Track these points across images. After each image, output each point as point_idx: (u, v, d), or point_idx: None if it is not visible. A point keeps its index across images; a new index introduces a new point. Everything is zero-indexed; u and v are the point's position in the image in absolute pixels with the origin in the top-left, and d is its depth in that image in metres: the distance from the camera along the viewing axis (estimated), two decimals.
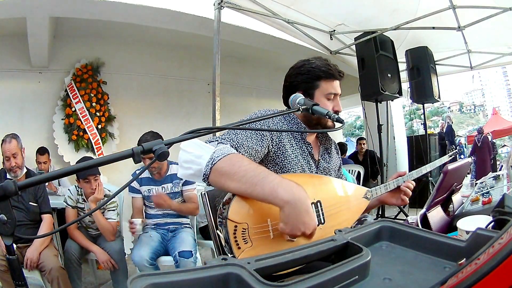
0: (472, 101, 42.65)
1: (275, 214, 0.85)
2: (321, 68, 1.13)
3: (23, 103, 3.74)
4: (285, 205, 0.79)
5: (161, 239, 2.26)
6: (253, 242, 0.83)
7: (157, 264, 2.17)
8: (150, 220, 2.34)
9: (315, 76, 1.13)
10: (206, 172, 0.87)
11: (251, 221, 0.84)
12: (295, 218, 0.79)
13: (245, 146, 0.97)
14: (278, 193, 0.79)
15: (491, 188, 1.46)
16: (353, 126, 32.65)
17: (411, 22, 3.11)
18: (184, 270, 0.47)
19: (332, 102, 1.14)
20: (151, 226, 2.32)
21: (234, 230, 0.82)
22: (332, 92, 1.14)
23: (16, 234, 0.57)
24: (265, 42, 4.07)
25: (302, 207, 0.79)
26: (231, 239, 0.81)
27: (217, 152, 0.88)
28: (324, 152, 1.23)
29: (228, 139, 0.97)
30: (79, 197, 2.31)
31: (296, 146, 1.12)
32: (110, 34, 4.13)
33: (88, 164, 0.64)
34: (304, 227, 0.79)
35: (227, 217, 0.82)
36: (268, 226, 0.86)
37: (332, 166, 1.24)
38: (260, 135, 1.02)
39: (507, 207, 0.94)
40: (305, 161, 1.13)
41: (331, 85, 1.14)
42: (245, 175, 0.83)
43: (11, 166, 2.10)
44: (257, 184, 0.81)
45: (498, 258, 0.33)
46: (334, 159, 1.27)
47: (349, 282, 0.50)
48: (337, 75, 1.15)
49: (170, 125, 4.33)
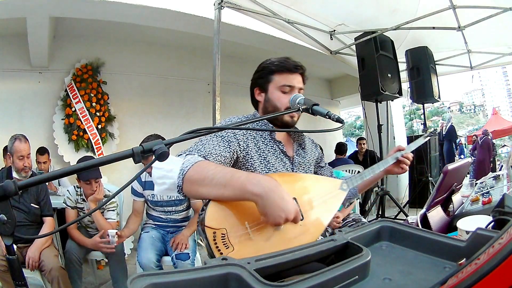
0: (472, 101, 42.66)
1: (251, 215, 0.86)
2: (274, 63, 1.16)
3: (23, 103, 3.74)
4: (257, 198, 0.80)
5: (161, 239, 2.26)
6: (234, 246, 0.82)
7: (161, 265, 2.17)
8: (152, 221, 2.34)
9: (268, 71, 1.16)
10: (179, 184, 0.89)
11: (229, 226, 0.84)
12: (271, 208, 0.79)
13: (213, 154, 0.99)
14: (248, 189, 0.80)
15: (491, 188, 1.46)
16: (353, 126, 32.67)
17: (411, 22, 3.10)
18: (184, 270, 0.47)
19: (288, 95, 1.13)
20: (152, 225, 2.32)
21: (214, 236, 0.81)
22: (286, 84, 1.13)
23: (16, 234, 0.57)
24: (265, 42, 4.07)
25: (275, 195, 0.80)
26: (212, 246, 0.80)
27: (185, 163, 0.91)
28: (299, 148, 1.23)
29: (195, 150, 1.00)
30: (78, 197, 2.31)
31: (265, 147, 1.12)
32: (110, 34, 4.13)
33: (88, 164, 0.64)
34: (284, 213, 0.80)
35: (204, 224, 0.81)
36: (247, 229, 0.85)
37: (308, 160, 1.25)
38: (227, 141, 1.03)
39: (507, 207, 0.94)
40: (278, 160, 1.13)
41: (285, 78, 1.14)
42: (213, 178, 0.85)
43: (24, 166, 2.10)
44: (226, 185, 0.83)
45: (498, 258, 0.33)
46: (310, 153, 1.28)
47: (349, 282, 0.50)
48: (292, 68, 1.15)
49: (170, 125, 4.33)
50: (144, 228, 2.33)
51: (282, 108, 1.13)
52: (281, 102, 1.13)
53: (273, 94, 1.15)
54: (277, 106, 1.14)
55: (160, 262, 2.14)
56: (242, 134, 1.09)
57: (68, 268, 2.12)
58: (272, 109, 1.15)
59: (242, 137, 1.08)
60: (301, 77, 1.18)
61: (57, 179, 2.31)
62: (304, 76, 1.19)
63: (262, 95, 1.19)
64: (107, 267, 2.41)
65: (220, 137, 1.04)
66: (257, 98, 1.21)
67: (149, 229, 2.28)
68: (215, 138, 1.04)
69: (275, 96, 1.14)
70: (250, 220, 0.86)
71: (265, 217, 0.81)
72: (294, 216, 0.82)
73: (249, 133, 1.11)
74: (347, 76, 5.91)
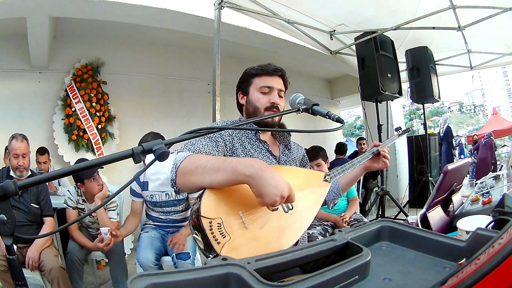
0: (472, 101, 42.68)
1: (244, 204, 0.87)
2: (255, 67, 1.23)
3: (23, 103, 3.74)
4: (249, 179, 0.82)
5: (161, 239, 2.26)
6: (231, 235, 0.82)
7: (161, 264, 2.17)
8: (152, 221, 2.34)
9: (249, 75, 1.24)
10: (172, 177, 0.93)
11: (224, 215, 0.84)
12: (265, 187, 0.80)
13: (202, 152, 1.03)
14: (239, 171, 0.83)
15: (491, 188, 1.46)
16: (353, 126, 32.69)
17: (411, 22, 3.11)
18: (184, 270, 0.47)
19: (267, 95, 1.19)
20: (151, 226, 2.32)
21: (210, 226, 0.81)
22: (265, 85, 1.19)
23: (16, 234, 0.57)
24: (265, 42, 4.07)
25: (266, 174, 0.81)
26: (209, 236, 0.80)
27: (178, 157, 0.95)
28: (284, 149, 1.28)
29: (186, 148, 1.04)
30: (79, 198, 2.31)
31: (250, 147, 1.16)
32: (110, 34, 4.13)
33: (89, 164, 0.64)
34: (278, 191, 0.81)
35: (200, 214, 0.82)
36: (240, 218, 0.86)
37: (294, 159, 1.29)
38: (214, 142, 1.08)
39: (507, 207, 0.94)
40: (264, 158, 1.16)
41: (264, 80, 1.20)
42: (206, 166, 0.87)
43: (18, 165, 2.09)
44: (218, 170, 0.85)
45: (498, 258, 0.33)
46: (295, 152, 1.32)
47: (349, 282, 0.50)
48: (271, 71, 1.21)
49: (170, 125, 4.33)
50: (144, 228, 2.33)
51: (261, 108, 1.18)
52: (260, 102, 1.19)
53: (253, 96, 1.21)
54: (257, 106, 1.19)
55: (159, 261, 2.14)
56: (228, 135, 1.13)
57: (70, 269, 2.12)
58: (252, 110, 1.20)
59: (228, 138, 1.12)
60: (281, 80, 1.24)
61: (57, 179, 2.30)
62: (285, 79, 1.25)
63: (244, 98, 1.25)
64: (107, 267, 2.41)
65: (208, 138, 1.08)
66: (240, 101, 1.27)
67: (149, 229, 2.28)
68: (203, 139, 1.07)
69: (255, 97, 1.20)
70: (243, 209, 0.87)
71: (260, 198, 0.81)
72: (288, 194, 0.83)
73: (234, 134, 1.15)
74: (347, 76, 5.91)
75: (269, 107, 1.18)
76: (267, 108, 1.18)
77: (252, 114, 1.21)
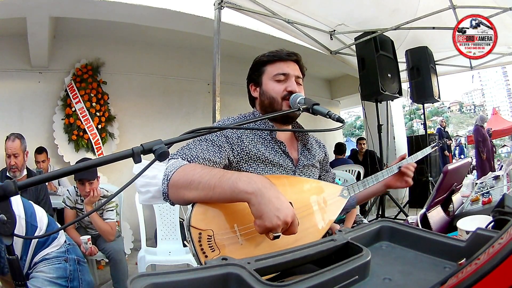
0: (472, 101, 42.66)
1: (242, 218, 0.80)
2: (265, 55, 1.11)
3: (23, 103, 3.74)
4: (251, 197, 0.73)
5: None
6: (220, 250, 0.76)
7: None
8: None
9: (259, 64, 1.11)
10: (164, 190, 0.84)
11: (216, 227, 0.78)
12: (267, 207, 0.71)
13: (200, 158, 0.91)
14: (239, 188, 0.74)
15: (491, 188, 1.46)
16: (353, 126, 32.66)
17: (411, 22, 3.10)
18: (184, 270, 0.47)
19: (284, 83, 1.06)
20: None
21: (199, 237, 0.76)
22: (279, 72, 1.07)
23: (16, 234, 0.57)
24: (265, 42, 4.06)
25: (269, 193, 0.73)
26: (197, 248, 0.75)
27: (169, 168, 0.85)
28: (303, 149, 1.15)
29: (179, 154, 0.93)
30: (77, 197, 2.31)
31: (264, 149, 1.03)
32: (110, 34, 4.13)
33: (88, 164, 0.64)
34: (281, 214, 0.71)
35: (190, 224, 0.76)
36: (235, 232, 0.79)
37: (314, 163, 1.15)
38: (217, 146, 0.96)
39: (507, 207, 0.94)
40: (279, 163, 1.04)
41: (278, 66, 1.08)
42: (201, 181, 0.79)
43: (11, 165, 2.10)
44: (215, 186, 0.77)
45: (498, 258, 0.33)
46: (315, 154, 1.18)
47: (349, 282, 0.50)
48: (285, 56, 1.08)
49: (170, 125, 4.33)
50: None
51: (278, 97, 1.05)
52: (276, 91, 1.06)
53: (267, 85, 1.08)
54: (273, 96, 1.06)
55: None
56: (237, 136, 1.00)
57: None
58: (268, 101, 1.07)
59: (236, 140, 0.99)
60: (297, 65, 1.11)
61: (57, 179, 2.31)
62: (301, 64, 1.12)
63: (257, 90, 1.12)
64: (107, 267, 2.41)
65: (210, 141, 0.96)
66: (253, 94, 1.15)
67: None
68: (204, 142, 0.95)
69: (269, 87, 1.07)
70: (240, 223, 0.80)
71: (260, 219, 0.72)
72: (292, 220, 0.73)
73: (245, 134, 1.02)
74: (347, 76, 5.91)
75: (287, 95, 1.04)
76: (285, 97, 1.05)
77: (268, 107, 1.07)
